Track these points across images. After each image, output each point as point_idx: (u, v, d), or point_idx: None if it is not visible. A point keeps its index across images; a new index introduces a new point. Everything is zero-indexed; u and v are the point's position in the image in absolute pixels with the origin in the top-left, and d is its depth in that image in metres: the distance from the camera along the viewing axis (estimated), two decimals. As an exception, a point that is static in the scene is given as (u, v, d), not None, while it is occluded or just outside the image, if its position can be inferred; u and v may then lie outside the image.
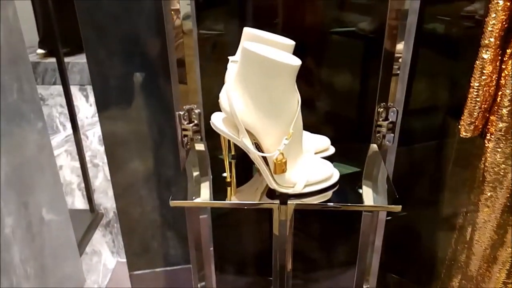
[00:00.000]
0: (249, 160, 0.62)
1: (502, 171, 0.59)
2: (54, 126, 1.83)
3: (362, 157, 0.78)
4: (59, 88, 1.45)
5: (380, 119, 0.79)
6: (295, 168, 0.61)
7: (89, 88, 1.87)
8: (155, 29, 0.86)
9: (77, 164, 1.45)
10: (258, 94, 0.56)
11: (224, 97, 0.58)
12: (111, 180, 1.04)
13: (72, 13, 0.85)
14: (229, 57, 0.66)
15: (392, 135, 0.79)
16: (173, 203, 0.64)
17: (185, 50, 0.77)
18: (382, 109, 0.79)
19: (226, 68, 0.66)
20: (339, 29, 0.89)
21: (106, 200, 1.48)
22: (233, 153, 0.74)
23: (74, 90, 1.82)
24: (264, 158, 0.60)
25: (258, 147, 0.60)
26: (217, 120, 0.61)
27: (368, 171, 0.73)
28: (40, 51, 2.08)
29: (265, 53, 0.52)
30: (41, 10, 1.97)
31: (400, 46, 0.76)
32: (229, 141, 0.66)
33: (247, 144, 0.58)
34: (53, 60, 1.39)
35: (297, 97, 0.58)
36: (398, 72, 0.77)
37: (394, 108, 0.78)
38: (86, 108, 1.79)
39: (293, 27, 0.87)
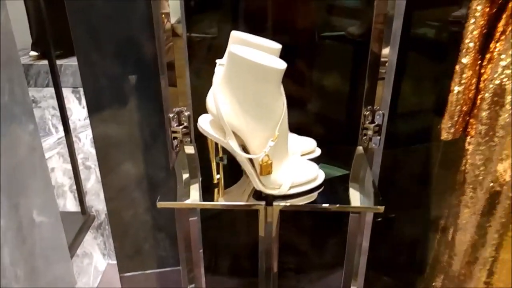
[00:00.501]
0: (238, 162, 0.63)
1: (482, 173, 0.60)
2: (47, 129, 1.82)
3: (348, 159, 0.79)
4: (51, 90, 1.45)
5: (367, 122, 0.80)
6: (280, 170, 0.62)
7: (82, 91, 1.87)
8: (147, 31, 0.87)
9: (69, 166, 1.45)
10: (244, 97, 0.57)
11: (211, 100, 0.59)
12: (102, 182, 1.04)
13: (65, 15, 0.86)
14: (216, 60, 0.67)
15: (378, 137, 0.80)
16: (160, 204, 0.65)
17: (175, 53, 0.78)
18: (368, 112, 0.80)
19: None
20: (328, 33, 0.90)
21: (98, 202, 1.48)
22: (221, 155, 0.74)
23: (67, 92, 1.81)
24: (251, 160, 0.61)
25: (245, 149, 0.61)
26: (204, 123, 0.62)
27: (353, 173, 0.75)
28: (33, 53, 2.08)
29: (251, 57, 0.54)
30: (34, 13, 1.96)
31: (386, 50, 0.77)
32: (217, 143, 0.66)
33: (233, 146, 0.59)
34: (46, 62, 1.39)
35: (283, 99, 0.59)
36: (384, 76, 0.79)
37: (380, 111, 0.79)
38: (79, 110, 1.78)
39: (284, 31, 0.88)
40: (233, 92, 0.57)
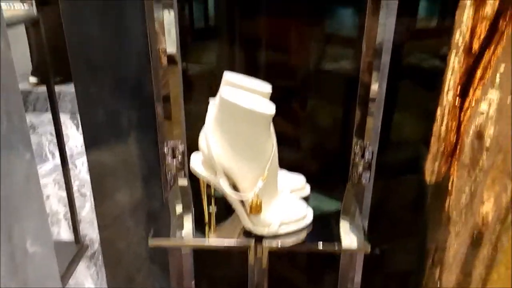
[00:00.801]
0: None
1: (465, 214, 0.61)
2: (43, 155, 1.84)
3: (339, 196, 0.80)
4: (50, 115, 1.48)
5: (357, 158, 0.82)
6: (270, 209, 0.63)
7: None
8: (145, 64, 0.89)
9: (64, 193, 1.45)
10: (234, 139, 0.59)
11: (202, 140, 0.61)
12: (96, 211, 1.04)
13: (65, 42, 0.88)
14: (210, 99, 0.69)
15: (368, 173, 0.82)
16: (152, 242, 0.66)
17: (171, 86, 0.80)
18: (358, 148, 0.82)
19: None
20: (323, 67, 0.93)
21: (92, 230, 1.48)
22: (213, 191, 0.76)
23: (65, 118, 1.84)
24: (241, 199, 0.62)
25: (235, 188, 0.62)
26: (196, 163, 0.63)
27: (343, 211, 0.76)
28: (33, 79, 2.11)
29: (241, 102, 0.56)
30: (35, 40, 2.01)
31: (375, 86, 0.79)
32: (208, 180, 0.68)
33: (223, 186, 0.60)
34: (45, 88, 1.41)
35: (273, 140, 0.61)
36: (374, 111, 0.81)
37: (370, 148, 0.81)
38: (76, 136, 1.80)
39: (278, 66, 0.90)
40: (224, 134, 0.59)
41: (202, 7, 0.95)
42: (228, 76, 0.65)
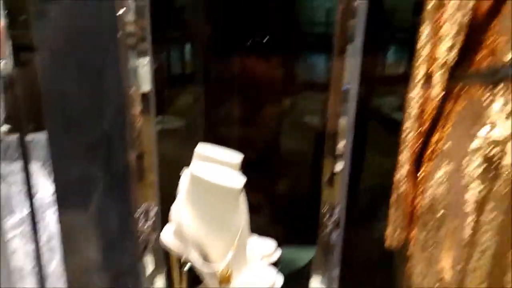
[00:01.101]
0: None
1: (425, 275, 0.64)
2: (11, 206, 1.77)
3: (309, 256, 0.82)
4: (20, 164, 1.44)
5: (325, 219, 0.85)
6: (239, 278, 0.64)
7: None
8: (120, 125, 0.91)
9: (31, 247, 1.40)
10: (204, 211, 0.61)
11: (175, 211, 0.63)
12: (64, 267, 1.02)
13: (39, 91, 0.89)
14: (183, 169, 0.71)
15: (337, 232, 0.84)
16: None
17: (145, 148, 0.82)
18: (326, 208, 0.85)
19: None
20: (296, 120, 0.97)
21: (60, 286, 1.42)
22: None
23: (36, 166, 1.80)
24: (211, 270, 0.63)
25: (205, 258, 0.63)
26: (167, 236, 0.65)
27: (313, 271, 0.78)
28: (5, 127, 2.08)
29: (209, 178, 0.59)
30: (10, 91, 2.00)
31: (341, 144, 0.82)
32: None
33: (193, 258, 0.62)
34: (16, 137, 1.38)
35: (243, 211, 0.64)
36: (341, 169, 0.84)
37: (338, 206, 0.84)
38: (47, 186, 1.76)
39: (249, 134, 0.94)
40: (195, 207, 0.61)
41: (179, 54, 0.99)
42: (200, 150, 0.68)
